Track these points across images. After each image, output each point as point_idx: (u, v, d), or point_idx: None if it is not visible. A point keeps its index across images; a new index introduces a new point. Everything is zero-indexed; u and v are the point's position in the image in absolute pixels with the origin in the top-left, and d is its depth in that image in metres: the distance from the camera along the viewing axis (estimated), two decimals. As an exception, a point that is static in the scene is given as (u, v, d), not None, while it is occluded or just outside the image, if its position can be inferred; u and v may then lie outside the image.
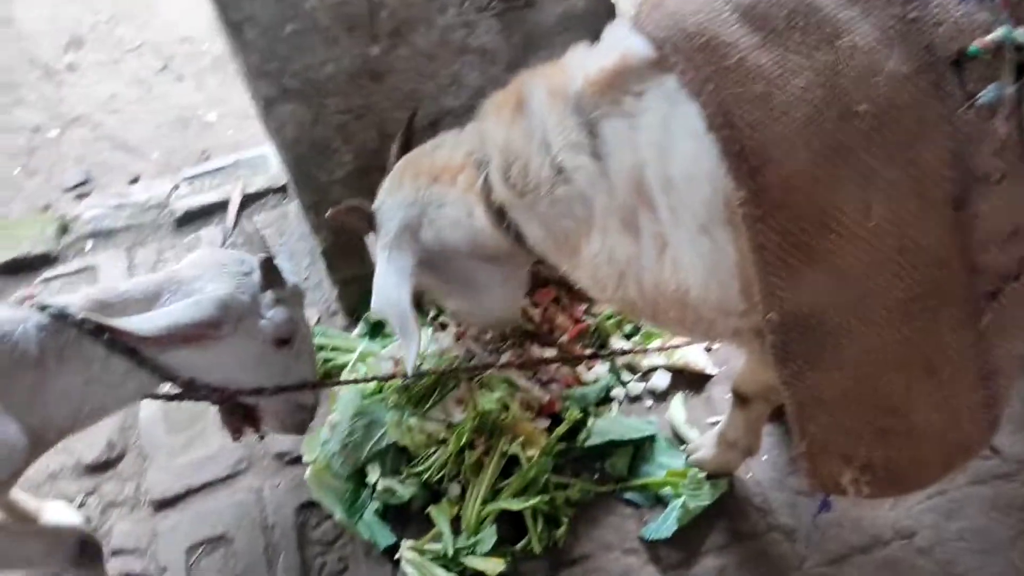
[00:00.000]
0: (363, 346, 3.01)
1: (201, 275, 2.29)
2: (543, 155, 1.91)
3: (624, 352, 2.87)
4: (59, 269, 3.69)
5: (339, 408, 2.82)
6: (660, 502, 2.65)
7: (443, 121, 2.73)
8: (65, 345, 2.10)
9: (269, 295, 2.34)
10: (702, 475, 2.59)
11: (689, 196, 1.72)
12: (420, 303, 2.94)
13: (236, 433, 2.55)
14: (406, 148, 2.42)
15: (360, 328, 3.15)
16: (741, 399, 2.40)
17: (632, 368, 2.96)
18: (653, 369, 2.95)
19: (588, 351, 2.91)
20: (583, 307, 3.03)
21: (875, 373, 1.75)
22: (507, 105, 2.02)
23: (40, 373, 2.08)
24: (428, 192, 2.23)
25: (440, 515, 2.64)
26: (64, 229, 3.88)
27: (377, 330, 3.09)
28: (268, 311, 2.33)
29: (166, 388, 2.36)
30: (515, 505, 2.54)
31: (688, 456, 2.68)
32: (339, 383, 2.77)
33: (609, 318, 3.00)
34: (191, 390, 2.32)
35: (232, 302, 2.24)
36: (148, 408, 3.18)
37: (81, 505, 2.97)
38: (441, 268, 2.34)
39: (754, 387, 2.32)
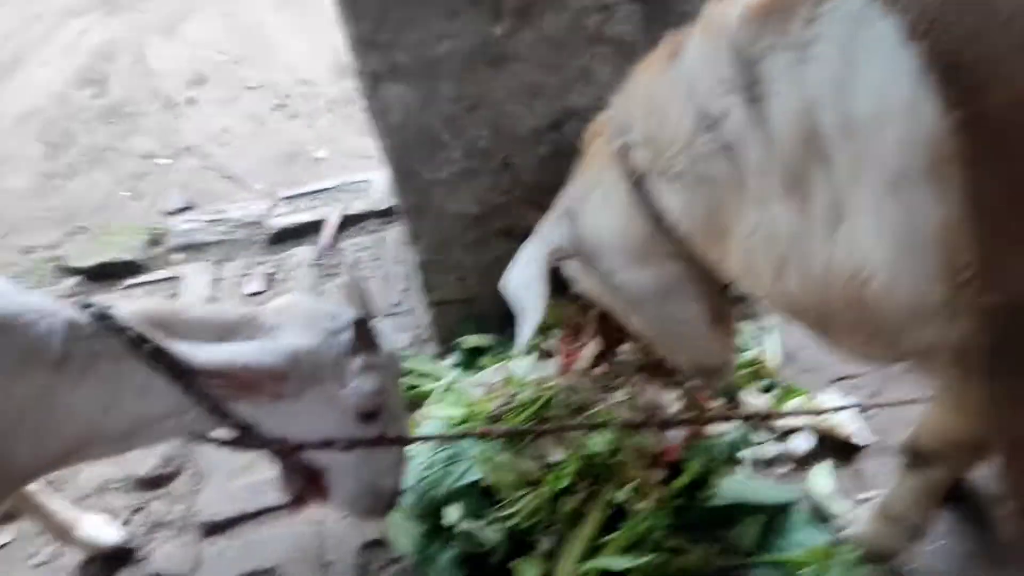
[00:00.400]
0: (453, 375, 2.66)
1: (284, 323, 1.95)
2: (685, 102, 1.58)
3: (764, 416, 2.40)
4: (143, 277, 3.52)
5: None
6: (799, 586, 2.15)
7: (567, 123, 2.44)
8: (98, 354, 1.74)
9: (359, 360, 1.96)
10: (853, 555, 2.08)
11: (876, 141, 1.34)
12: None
13: (298, 501, 2.15)
14: None
15: (454, 358, 2.80)
16: (917, 459, 1.93)
17: (767, 426, 2.50)
18: (792, 430, 2.48)
19: (717, 404, 2.47)
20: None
21: None
22: (660, 57, 1.71)
23: (55, 378, 1.71)
24: (587, 177, 1.94)
25: (528, 570, 2.20)
26: (155, 241, 3.74)
27: (472, 360, 2.74)
28: (354, 379, 1.96)
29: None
30: (620, 564, 2.08)
31: (837, 530, 2.18)
32: (423, 439, 2.36)
33: (742, 367, 2.57)
34: (247, 438, 1.94)
35: (306, 358, 1.89)
36: (213, 424, 2.89)
37: (126, 523, 2.66)
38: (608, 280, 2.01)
39: (939, 442, 1.85)
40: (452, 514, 2.30)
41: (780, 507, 2.27)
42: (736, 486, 2.29)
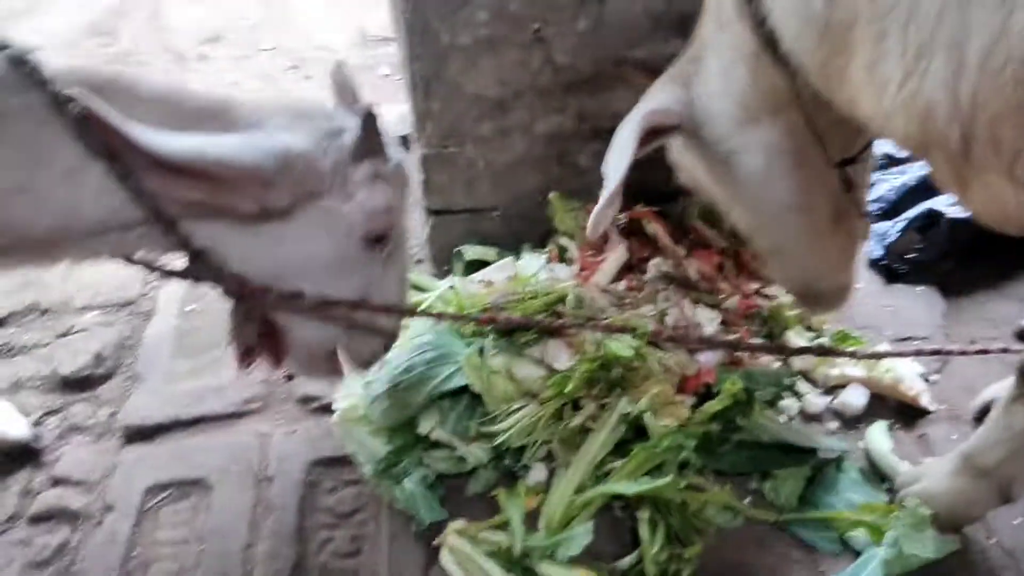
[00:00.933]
0: (449, 283, 2.24)
1: (267, 119, 1.50)
2: None
3: (821, 351, 1.97)
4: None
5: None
6: (847, 548, 1.71)
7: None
8: (10, 111, 1.31)
9: (366, 167, 1.54)
10: (923, 514, 1.64)
11: None
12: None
13: (245, 357, 1.72)
14: None
15: (453, 273, 2.39)
16: None
17: (811, 378, 2.08)
18: (843, 384, 2.06)
19: (759, 340, 2.06)
20: (754, 286, 2.20)
21: None
22: None
23: None
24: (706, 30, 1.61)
25: (512, 502, 1.76)
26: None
27: (470, 272, 2.33)
28: (360, 190, 1.55)
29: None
30: (631, 488, 1.64)
31: (901, 486, 1.75)
32: (417, 312, 1.91)
33: (788, 309, 2.16)
34: (199, 267, 1.51)
35: (299, 161, 1.45)
36: (159, 325, 2.47)
37: (37, 424, 2.21)
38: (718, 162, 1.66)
39: None
40: (427, 423, 1.86)
41: (830, 460, 1.84)
42: (777, 426, 1.86)
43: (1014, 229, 1.29)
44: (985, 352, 1.98)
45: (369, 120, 1.49)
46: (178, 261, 1.56)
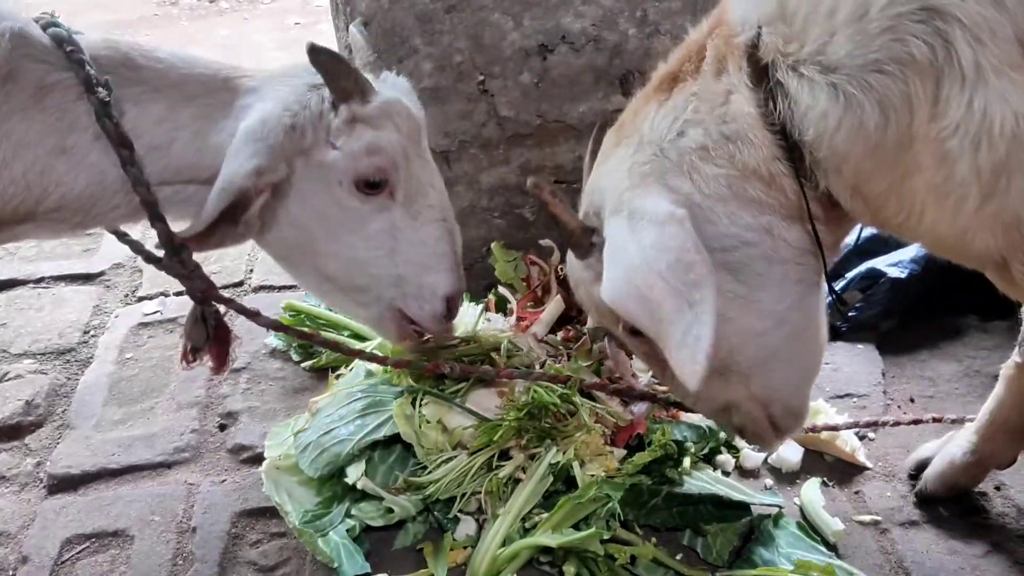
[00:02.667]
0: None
1: (262, 86, 1.62)
2: None
3: None
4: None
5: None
6: (783, 606, 1.68)
7: (556, 49, 2.14)
8: (54, 85, 1.47)
9: (343, 112, 1.57)
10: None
11: None
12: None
13: (191, 355, 1.81)
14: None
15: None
16: None
17: (749, 432, 2.07)
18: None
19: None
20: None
21: None
22: None
23: None
24: (661, 114, 1.40)
25: (437, 557, 1.72)
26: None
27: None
28: (340, 136, 1.58)
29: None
30: (554, 540, 1.61)
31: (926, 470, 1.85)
32: (364, 356, 1.96)
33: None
34: (174, 263, 1.64)
35: (278, 128, 1.53)
36: (95, 373, 2.43)
37: (-40, 472, 2.15)
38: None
39: None
40: (355, 472, 1.83)
41: (764, 516, 1.82)
42: (710, 481, 1.84)
43: None
44: (918, 422, 2.00)
45: (317, 58, 1.52)
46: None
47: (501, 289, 2.16)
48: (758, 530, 1.79)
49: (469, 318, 2.05)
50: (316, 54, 1.51)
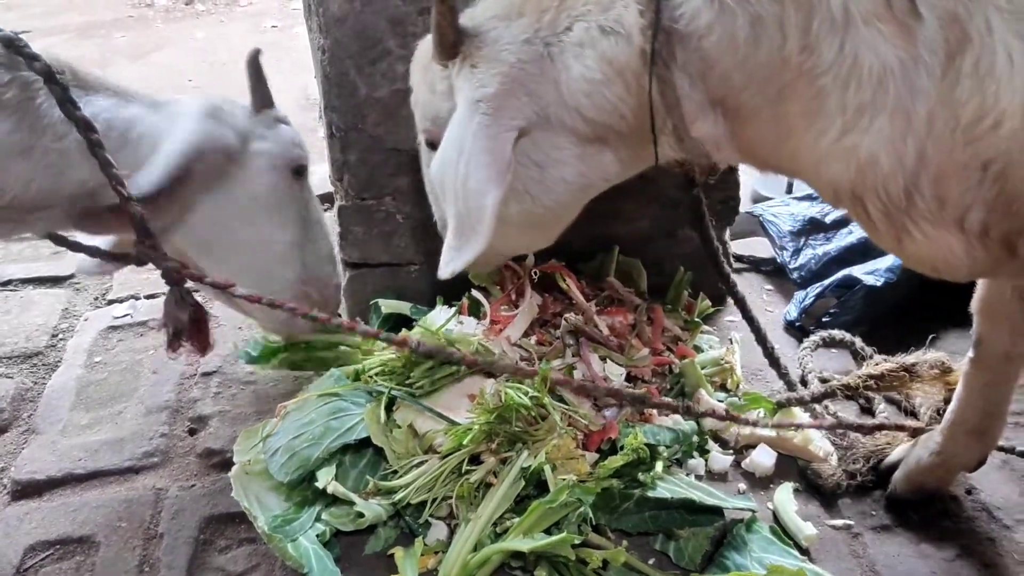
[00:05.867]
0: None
1: (184, 101, 1.83)
2: None
3: (731, 419, 1.95)
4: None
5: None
6: (754, 615, 1.67)
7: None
8: (9, 84, 1.51)
9: (268, 114, 1.95)
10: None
11: None
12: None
13: (174, 341, 1.84)
14: None
15: (371, 324, 2.34)
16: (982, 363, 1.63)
17: (720, 437, 2.07)
18: (753, 444, 2.05)
19: (667, 399, 2.04)
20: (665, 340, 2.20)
21: None
22: None
23: None
24: (556, 16, 1.46)
25: (408, 561, 1.70)
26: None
27: (392, 329, 2.29)
28: (272, 131, 1.93)
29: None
30: (525, 544, 1.60)
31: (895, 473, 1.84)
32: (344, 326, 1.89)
33: (704, 365, 2.16)
34: (146, 249, 1.68)
35: (234, 114, 1.86)
36: (63, 377, 2.39)
37: (-79, 480, 2.10)
38: (518, 151, 1.53)
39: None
40: (325, 476, 1.81)
41: (737, 520, 1.82)
42: (683, 484, 1.83)
43: (948, 275, 1.34)
44: (881, 428, 2.00)
45: (255, 59, 1.91)
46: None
47: (475, 292, 2.15)
48: (731, 534, 1.79)
49: (441, 320, 2.04)
50: (255, 58, 1.93)
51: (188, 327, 1.78)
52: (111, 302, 2.74)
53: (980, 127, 1.11)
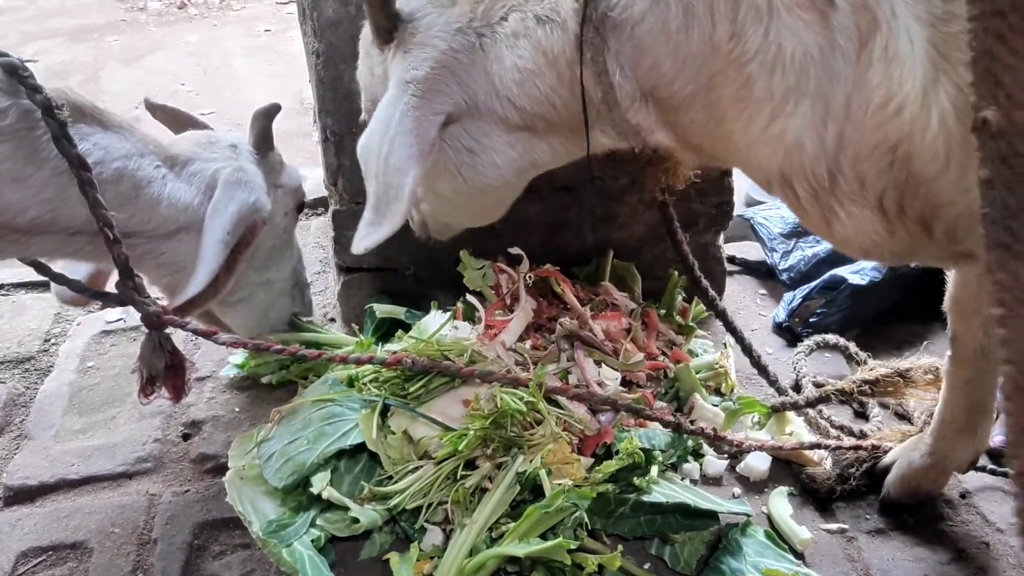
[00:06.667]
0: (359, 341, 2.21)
1: (198, 155, 1.83)
2: None
3: (714, 438, 1.93)
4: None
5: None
6: (749, 619, 1.68)
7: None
8: (8, 112, 1.46)
9: (273, 157, 2.04)
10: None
11: None
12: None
13: (148, 386, 1.83)
14: None
15: (365, 333, 2.33)
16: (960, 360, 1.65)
17: (714, 441, 2.07)
18: (744, 450, 2.04)
19: (662, 405, 2.04)
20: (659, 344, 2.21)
21: None
22: None
23: None
24: (492, 5, 1.50)
25: (403, 566, 1.70)
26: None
27: (385, 332, 2.29)
28: (282, 175, 2.04)
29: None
30: (521, 549, 1.59)
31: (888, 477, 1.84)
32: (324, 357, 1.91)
33: (699, 370, 2.16)
34: (128, 292, 1.69)
35: (247, 174, 1.87)
36: (56, 382, 2.38)
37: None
38: (449, 136, 1.59)
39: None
40: (320, 482, 1.80)
41: (732, 525, 1.82)
42: (679, 488, 1.83)
43: (884, 257, 1.37)
44: (857, 448, 2.00)
45: (266, 118, 1.97)
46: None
47: (469, 297, 2.15)
48: (726, 539, 1.78)
49: (436, 325, 2.04)
50: (268, 114, 1.98)
51: (164, 373, 1.78)
52: (104, 307, 2.72)
53: (887, 111, 1.14)
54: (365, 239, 1.51)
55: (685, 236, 2.23)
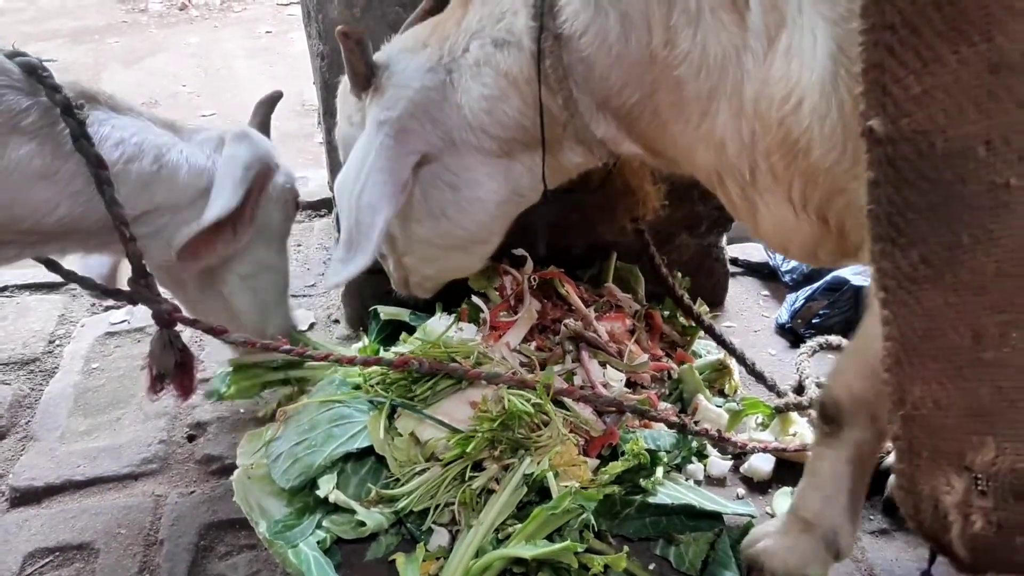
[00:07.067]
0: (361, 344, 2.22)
1: (201, 126, 1.86)
2: None
3: (719, 439, 1.94)
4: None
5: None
6: (752, 617, 1.68)
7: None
8: (30, 109, 1.49)
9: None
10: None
11: None
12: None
13: (157, 384, 1.87)
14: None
15: (369, 335, 2.34)
16: (828, 418, 1.52)
17: (719, 442, 2.08)
18: (748, 451, 2.05)
19: (666, 405, 2.05)
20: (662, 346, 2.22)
21: None
22: None
23: None
24: (456, 40, 1.56)
25: (409, 567, 1.71)
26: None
27: (389, 335, 2.30)
28: (278, 170, 1.97)
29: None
30: (529, 551, 1.60)
31: (745, 547, 1.72)
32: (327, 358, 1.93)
33: (703, 370, 2.17)
34: (140, 289, 1.72)
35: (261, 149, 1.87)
36: (60, 383, 2.39)
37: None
38: (429, 176, 1.65)
39: (861, 381, 1.44)
40: (327, 485, 1.81)
41: (737, 525, 1.83)
42: (684, 489, 1.84)
43: (796, 252, 1.41)
44: None
45: (269, 105, 1.98)
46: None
47: (474, 298, 2.16)
48: (731, 539, 1.79)
49: (441, 327, 2.05)
50: (272, 101, 2.02)
51: (173, 371, 1.80)
52: (108, 308, 2.73)
53: (789, 104, 1.17)
54: (336, 276, 1.57)
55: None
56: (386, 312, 2.30)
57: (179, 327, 1.81)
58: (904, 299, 1.02)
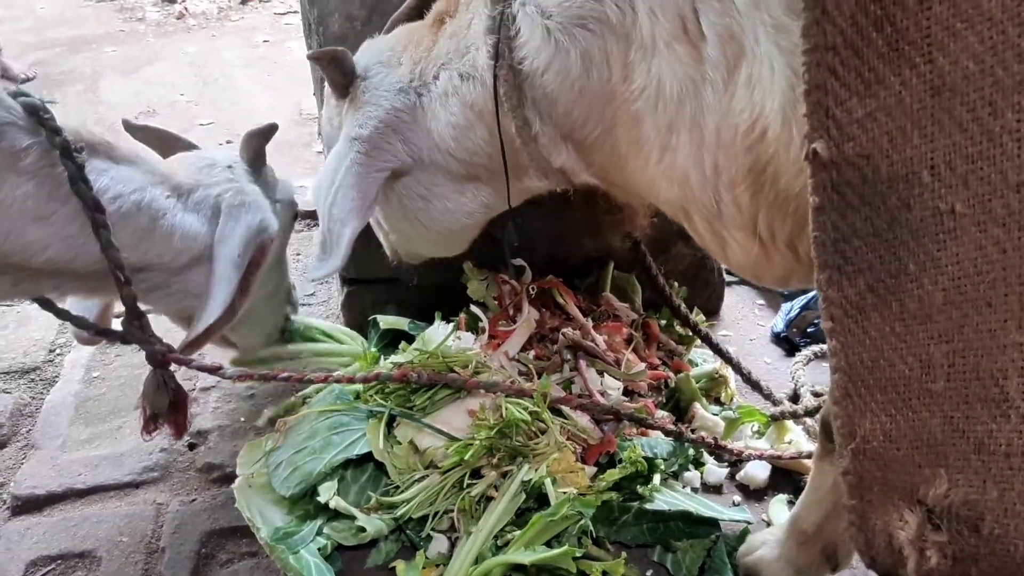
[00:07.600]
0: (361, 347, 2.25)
1: (200, 181, 1.79)
2: None
3: (715, 447, 1.97)
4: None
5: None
6: (749, 625, 1.70)
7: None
8: (29, 150, 1.44)
9: (268, 174, 2.02)
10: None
11: None
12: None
13: (151, 423, 1.87)
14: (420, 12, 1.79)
15: (369, 344, 2.36)
16: (831, 435, 1.53)
17: (715, 449, 2.10)
18: (744, 459, 2.07)
19: (663, 414, 2.07)
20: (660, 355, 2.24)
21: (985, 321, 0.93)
22: None
23: None
24: (426, 66, 1.62)
25: (409, 574, 1.72)
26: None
27: (388, 343, 2.32)
28: (277, 191, 2.03)
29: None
30: (527, 557, 1.62)
31: (741, 556, 1.75)
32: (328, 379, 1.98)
33: (697, 381, 2.20)
34: (134, 330, 1.71)
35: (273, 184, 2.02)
36: (61, 392, 2.40)
37: (-83, 495, 2.11)
38: (402, 186, 1.75)
39: None
40: (327, 491, 1.83)
41: (734, 533, 1.85)
42: (681, 496, 1.86)
43: (770, 281, 1.42)
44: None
45: (263, 138, 1.93)
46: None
47: (473, 308, 2.18)
48: (727, 545, 1.81)
49: (439, 336, 2.07)
50: (267, 133, 1.94)
51: (167, 411, 1.80)
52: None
53: (753, 135, 1.17)
54: (316, 271, 1.68)
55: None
56: (385, 321, 2.32)
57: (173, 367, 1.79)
58: (851, 329, 0.99)
